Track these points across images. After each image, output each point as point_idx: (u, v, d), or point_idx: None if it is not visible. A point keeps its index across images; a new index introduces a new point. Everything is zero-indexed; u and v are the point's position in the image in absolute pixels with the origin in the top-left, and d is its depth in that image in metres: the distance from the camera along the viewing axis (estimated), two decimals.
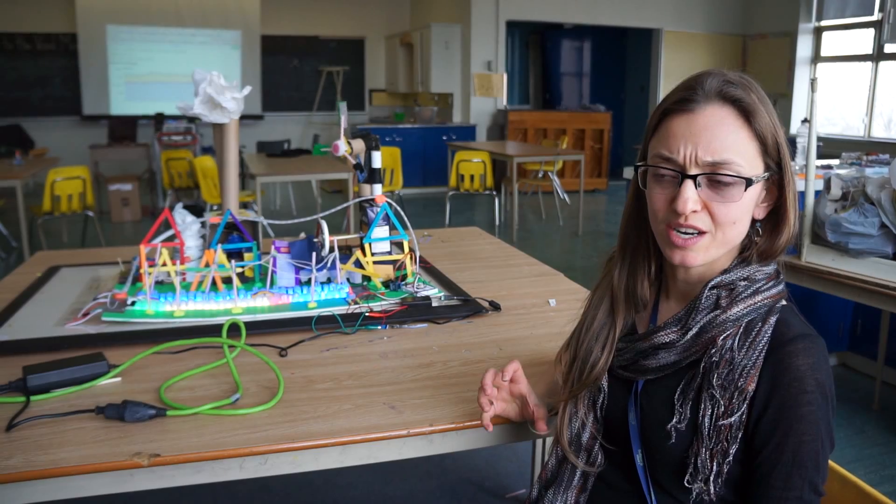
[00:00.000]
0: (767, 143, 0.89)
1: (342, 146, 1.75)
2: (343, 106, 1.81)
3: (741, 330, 0.89)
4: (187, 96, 1.76)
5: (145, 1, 10.16)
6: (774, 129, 0.89)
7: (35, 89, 9.99)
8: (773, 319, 0.89)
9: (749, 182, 0.87)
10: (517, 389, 1.10)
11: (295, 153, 7.09)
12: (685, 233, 0.90)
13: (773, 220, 0.94)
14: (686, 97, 0.89)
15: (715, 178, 0.87)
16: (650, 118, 0.95)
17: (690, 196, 0.87)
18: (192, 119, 7.70)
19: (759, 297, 0.90)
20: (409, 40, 10.31)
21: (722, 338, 0.89)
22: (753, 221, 0.93)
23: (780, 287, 0.93)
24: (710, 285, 0.91)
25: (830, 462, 1.03)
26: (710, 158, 0.87)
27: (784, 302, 0.92)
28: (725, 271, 0.93)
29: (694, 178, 0.87)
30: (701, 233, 0.90)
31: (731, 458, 0.87)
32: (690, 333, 0.90)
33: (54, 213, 5.26)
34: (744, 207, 0.89)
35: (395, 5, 11.40)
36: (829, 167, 4.15)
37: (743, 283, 0.91)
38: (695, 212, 0.88)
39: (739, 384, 0.86)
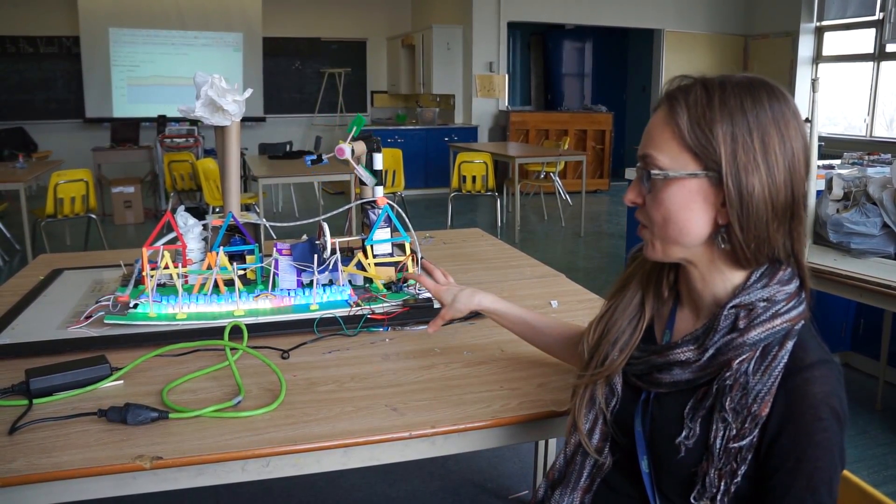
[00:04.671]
0: (686, 138, 0.86)
1: (346, 150, 1.76)
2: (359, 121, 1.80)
3: (757, 354, 0.87)
4: (189, 99, 1.76)
5: (147, 4, 10.17)
6: (708, 129, 0.85)
7: (38, 92, 10.01)
8: (790, 344, 0.87)
9: (649, 175, 0.89)
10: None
11: (297, 155, 7.09)
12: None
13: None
14: (654, 107, 0.95)
15: (641, 175, 0.91)
16: None
17: (631, 188, 0.93)
18: (195, 121, 7.71)
19: (777, 321, 0.87)
20: (410, 42, 10.32)
21: (737, 361, 0.87)
22: (719, 226, 0.89)
23: (801, 308, 0.90)
24: (729, 305, 0.89)
25: None
26: (641, 152, 0.92)
27: (803, 322, 0.89)
28: (744, 289, 0.90)
29: (639, 174, 0.92)
30: (645, 226, 0.95)
31: (739, 478, 0.86)
32: (707, 355, 0.89)
33: (57, 215, 5.26)
34: (671, 204, 0.88)
35: (397, 7, 11.41)
36: (831, 167, 4.14)
37: (762, 305, 0.88)
38: (637, 204, 0.93)
39: (753, 409, 0.85)
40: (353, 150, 1.79)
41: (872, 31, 8.46)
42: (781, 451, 0.85)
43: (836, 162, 4.45)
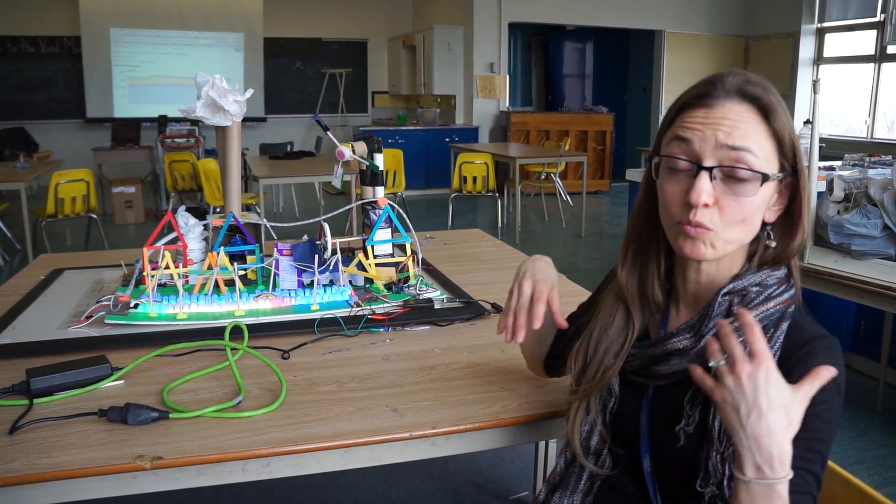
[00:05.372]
0: (784, 143, 0.89)
1: (346, 152, 1.76)
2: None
3: None
4: (190, 99, 1.76)
5: (148, 4, 10.19)
6: (791, 131, 0.90)
7: (39, 92, 10.02)
8: (784, 325, 0.89)
9: (765, 178, 0.86)
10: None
11: (297, 155, 7.10)
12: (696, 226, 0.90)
13: (783, 224, 0.93)
14: (705, 92, 0.89)
15: (730, 172, 0.87)
16: (666, 113, 0.95)
17: (705, 188, 0.86)
18: (196, 121, 7.72)
19: (771, 304, 0.90)
20: (411, 42, 10.32)
21: None
22: (763, 224, 0.92)
23: (792, 292, 0.92)
24: (722, 292, 0.91)
25: (833, 465, 1.04)
26: (731, 142, 0.86)
27: (795, 306, 0.91)
28: (737, 277, 0.92)
29: (710, 169, 0.87)
30: (708, 228, 0.89)
31: None
32: (704, 341, 0.90)
33: (58, 215, 5.26)
34: (755, 206, 0.88)
35: (398, 7, 11.42)
36: (832, 168, 4.15)
37: (755, 290, 0.90)
38: (706, 205, 0.88)
39: None
40: (353, 151, 1.79)
41: (873, 33, 8.46)
42: None
43: (837, 163, 4.45)
